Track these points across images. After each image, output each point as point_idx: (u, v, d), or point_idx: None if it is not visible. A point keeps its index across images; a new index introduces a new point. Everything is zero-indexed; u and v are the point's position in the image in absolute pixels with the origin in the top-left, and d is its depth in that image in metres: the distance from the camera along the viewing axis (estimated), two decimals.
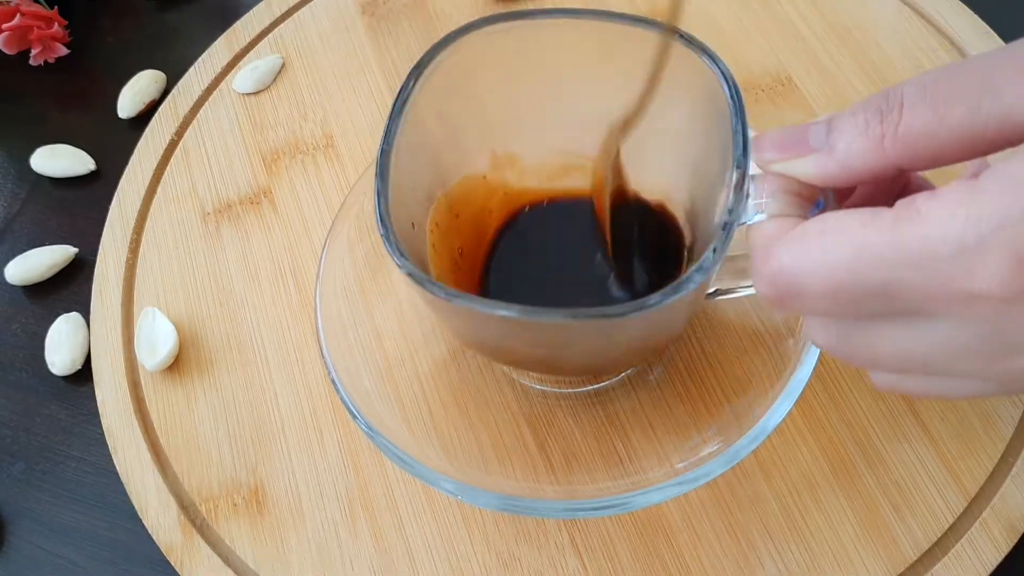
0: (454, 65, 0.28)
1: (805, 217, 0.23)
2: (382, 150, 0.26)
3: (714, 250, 0.24)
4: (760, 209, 0.24)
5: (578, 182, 0.34)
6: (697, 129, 0.28)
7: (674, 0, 0.25)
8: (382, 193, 0.25)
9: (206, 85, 0.45)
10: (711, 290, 0.30)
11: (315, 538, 0.33)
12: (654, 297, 0.23)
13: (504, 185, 0.34)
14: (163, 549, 0.34)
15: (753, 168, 0.24)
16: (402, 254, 0.25)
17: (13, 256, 0.42)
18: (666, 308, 0.23)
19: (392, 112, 0.27)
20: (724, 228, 0.24)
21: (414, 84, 0.27)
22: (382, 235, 0.25)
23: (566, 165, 0.33)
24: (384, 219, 0.25)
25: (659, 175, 0.31)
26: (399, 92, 0.27)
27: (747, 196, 0.24)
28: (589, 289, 0.32)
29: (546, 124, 0.32)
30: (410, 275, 0.24)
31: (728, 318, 0.34)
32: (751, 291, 0.29)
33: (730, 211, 0.24)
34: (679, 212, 0.31)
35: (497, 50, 0.28)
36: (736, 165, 0.24)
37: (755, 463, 0.32)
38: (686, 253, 0.31)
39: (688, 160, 0.29)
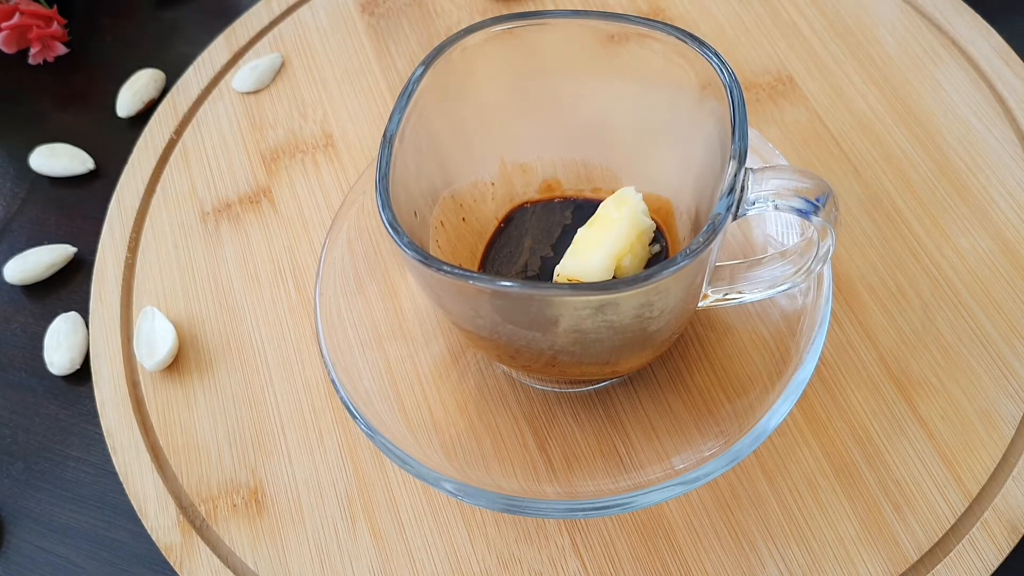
0: (460, 63, 0.28)
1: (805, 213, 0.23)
2: (388, 133, 0.26)
3: (704, 235, 0.23)
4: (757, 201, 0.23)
5: (580, 184, 0.34)
6: (700, 133, 0.28)
7: None
8: (383, 173, 0.25)
9: (205, 84, 0.45)
10: (704, 299, 0.30)
11: (315, 538, 0.33)
12: (644, 274, 0.23)
13: (511, 193, 0.34)
14: (162, 549, 0.34)
15: (753, 162, 0.24)
16: (399, 230, 0.25)
17: (12, 255, 0.42)
18: (657, 289, 0.23)
19: (400, 98, 0.27)
20: (716, 215, 0.24)
21: (423, 73, 0.27)
22: (381, 214, 0.25)
23: (570, 171, 0.33)
24: (384, 198, 0.25)
25: (666, 182, 0.31)
26: (408, 81, 0.27)
27: (743, 188, 0.24)
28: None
29: (550, 126, 0.32)
30: (408, 247, 0.24)
31: (728, 318, 0.34)
32: (744, 299, 0.29)
33: (722, 199, 0.24)
34: (685, 220, 0.31)
35: (501, 51, 0.28)
36: (733, 156, 0.24)
37: (756, 463, 0.32)
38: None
39: (693, 167, 0.29)
